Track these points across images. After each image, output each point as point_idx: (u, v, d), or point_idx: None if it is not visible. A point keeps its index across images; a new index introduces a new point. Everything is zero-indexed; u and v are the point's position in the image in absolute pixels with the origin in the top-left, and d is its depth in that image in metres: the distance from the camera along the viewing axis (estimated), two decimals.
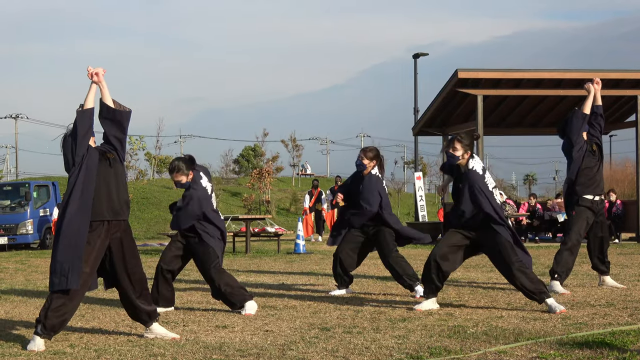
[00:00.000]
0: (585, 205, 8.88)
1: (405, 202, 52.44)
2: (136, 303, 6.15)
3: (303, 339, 6.05)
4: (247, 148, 64.81)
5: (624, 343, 5.57)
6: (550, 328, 6.38)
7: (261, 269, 12.79)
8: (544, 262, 13.36)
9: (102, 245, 6.01)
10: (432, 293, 7.65)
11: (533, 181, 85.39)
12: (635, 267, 11.77)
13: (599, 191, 8.96)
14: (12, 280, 11.53)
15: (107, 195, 6.01)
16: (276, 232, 18.36)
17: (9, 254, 19.37)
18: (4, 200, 23.98)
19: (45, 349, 5.79)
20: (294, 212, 42.24)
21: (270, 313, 7.52)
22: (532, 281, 7.36)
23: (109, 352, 5.68)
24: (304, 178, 59.54)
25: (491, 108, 22.21)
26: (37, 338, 5.83)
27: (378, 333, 6.29)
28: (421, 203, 25.27)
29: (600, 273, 9.26)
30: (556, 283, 8.70)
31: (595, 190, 8.92)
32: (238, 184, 50.30)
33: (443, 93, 21.21)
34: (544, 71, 20.73)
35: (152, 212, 35.76)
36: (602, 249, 9.12)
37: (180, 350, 5.71)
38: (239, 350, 5.66)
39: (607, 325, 6.44)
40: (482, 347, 5.59)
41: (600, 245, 9.11)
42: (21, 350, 5.81)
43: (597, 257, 9.13)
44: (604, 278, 9.24)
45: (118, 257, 6.09)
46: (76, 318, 7.17)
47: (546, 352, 5.38)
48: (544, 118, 23.83)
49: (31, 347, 5.80)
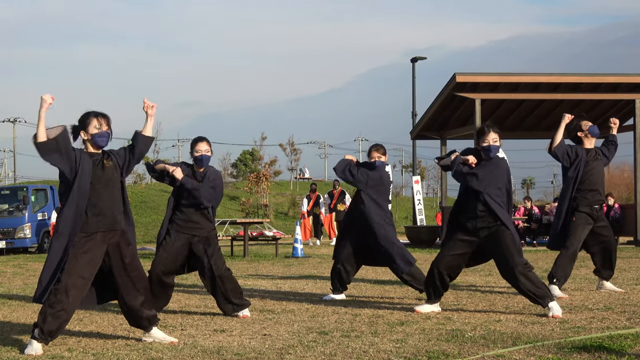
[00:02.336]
0: (585, 211, 8.87)
1: (404, 205, 52.46)
2: (138, 308, 6.11)
3: (301, 343, 6.05)
4: (245, 152, 64.87)
5: (622, 347, 5.58)
6: (548, 332, 6.39)
7: (259, 273, 12.79)
8: (542, 266, 13.36)
9: (99, 251, 5.99)
10: (436, 298, 7.67)
11: (531, 185, 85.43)
12: (633, 270, 11.77)
13: (597, 198, 8.92)
14: (10, 284, 11.52)
15: (99, 208, 5.97)
16: (274, 236, 18.36)
17: (6, 258, 19.36)
18: (2, 204, 24.00)
19: (43, 353, 5.79)
20: (292, 216, 42.25)
21: (268, 317, 7.52)
22: (536, 285, 7.32)
23: (106, 356, 5.68)
24: (302, 182, 59.60)
25: (489, 112, 22.22)
26: (34, 342, 5.82)
27: (376, 337, 6.29)
28: (419, 207, 25.29)
29: (601, 277, 9.23)
30: (554, 287, 8.70)
31: (595, 197, 8.89)
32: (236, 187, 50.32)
33: (441, 97, 21.23)
34: (541, 75, 20.75)
35: (150, 216, 35.75)
36: (611, 257, 9.01)
37: (178, 354, 5.70)
38: (237, 354, 5.66)
39: (605, 329, 6.44)
40: (480, 351, 5.59)
41: (608, 252, 9.01)
42: (19, 355, 5.80)
43: (605, 265, 9.05)
44: (604, 282, 9.23)
45: (117, 262, 6.07)
46: (74, 322, 7.16)
47: (544, 355, 5.38)
48: (541, 122, 23.85)
49: (28, 351, 5.79)
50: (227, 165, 59.31)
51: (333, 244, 22.55)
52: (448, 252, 7.59)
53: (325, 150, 77.39)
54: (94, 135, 5.98)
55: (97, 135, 5.99)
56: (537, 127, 24.16)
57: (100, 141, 6.02)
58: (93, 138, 5.99)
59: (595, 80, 20.71)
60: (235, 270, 13.39)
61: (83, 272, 5.85)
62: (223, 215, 39.64)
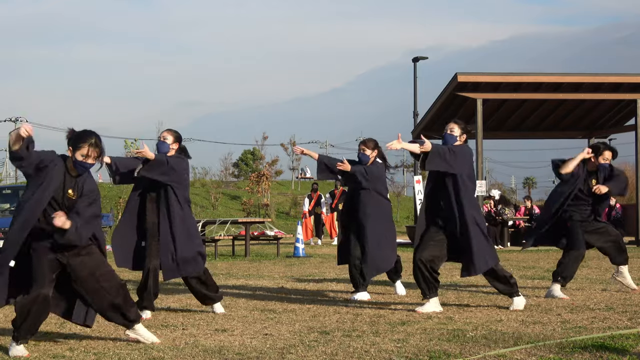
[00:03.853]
0: (577, 219, 8.88)
1: (405, 205, 52.47)
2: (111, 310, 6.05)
3: (302, 343, 6.05)
4: (246, 152, 64.88)
5: (624, 347, 5.58)
6: (549, 332, 6.38)
7: (260, 273, 12.79)
8: (544, 266, 13.37)
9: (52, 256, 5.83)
10: (433, 292, 7.65)
11: (532, 185, 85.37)
12: (635, 271, 11.75)
13: (586, 212, 8.92)
14: None
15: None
16: (275, 236, 18.35)
17: None
18: (3, 203, 23.97)
19: (44, 353, 5.78)
20: (293, 215, 42.26)
21: (270, 317, 7.52)
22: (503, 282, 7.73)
23: (108, 356, 5.67)
24: (304, 181, 59.61)
25: (490, 112, 22.23)
26: (13, 344, 5.73)
27: (377, 337, 6.29)
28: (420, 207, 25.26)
29: (617, 264, 9.10)
30: (557, 287, 8.70)
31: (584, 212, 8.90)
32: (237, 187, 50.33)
33: (442, 97, 21.23)
34: (543, 75, 20.74)
35: None
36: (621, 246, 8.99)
37: (179, 353, 5.70)
38: (239, 353, 5.66)
39: (606, 329, 6.44)
40: (481, 351, 5.59)
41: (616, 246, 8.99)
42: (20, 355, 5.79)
43: (618, 251, 9.00)
44: (621, 269, 9.11)
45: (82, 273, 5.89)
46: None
47: (545, 355, 5.37)
48: (543, 121, 23.85)
49: (15, 353, 5.69)
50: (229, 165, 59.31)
51: (334, 243, 22.57)
52: (426, 243, 7.73)
53: (326, 150, 77.43)
54: (77, 161, 5.83)
55: (79, 163, 5.83)
56: (539, 126, 24.17)
57: (80, 170, 5.87)
58: (75, 162, 5.84)
59: (596, 80, 20.70)
60: (236, 269, 13.41)
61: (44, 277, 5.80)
62: (224, 215, 39.66)
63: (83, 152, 5.81)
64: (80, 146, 5.82)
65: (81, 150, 5.82)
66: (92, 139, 5.84)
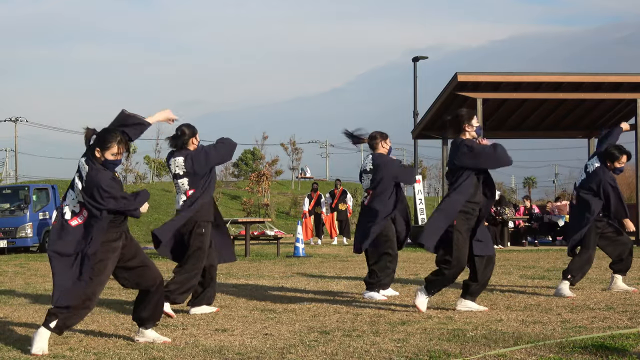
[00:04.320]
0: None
1: None
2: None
3: (302, 343, 6.05)
4: (246, 151, 64.88)
5: (624, 346, 5.57)
6: (549, 331, 6.38)
7: (260, 273, 12.78)
8: (544, 266, 13.36)
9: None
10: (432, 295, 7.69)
11: (532, 184, 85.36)
12: (635, 270, 11.75)
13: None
14: (12, 284, 11.52)
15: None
16: (275, 236, 18.35)
17: (8, 257, 19.37)
18: (3, 203, 23.97)
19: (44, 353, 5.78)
20: (293, 215, 42.25)
21: (270, 316, 7.52)
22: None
23: (108, 356, 5.67)
24: (304, 181, 59.61)
25: (491, 111, 22.22)
26: (43, 333, 5.78)
27: (377, 336, 6.29)
28: (420, 206, 25.25)
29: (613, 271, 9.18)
30: (566, 285, 8.70)
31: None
32: (237, 187, 50.31)
33: (442, 96, 21.22)
34: (543, 75, 20.74)
35: (151, 216, 35.74)
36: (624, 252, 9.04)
37: (179, 353, 5.70)
38: (239, 353, 5.66)
39: (606, 329, 6.44)
40: (481, 351, 5.58)
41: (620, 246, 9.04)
42: (20, 354, 5.79)
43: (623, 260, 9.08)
44: (616, 277, 9.17)
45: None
46: None
47: (546, 355, 5.37)
48: (543, 121, 23.84)
49: (36, 350, 5.72)
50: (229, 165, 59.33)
51: (334, 243, 22.57)
52: (464, 257, 7.75)
53: (326, 149, 77.49)
54: (109, 161, 5.89)
55: (110, 162, 5.90)
56: (539, 126, 24.16)
57: (112, 168, 5.96)
58: (105, 162, 5.89)
59: (597, 80, 20.69)
60: (236, 269, 13.40)
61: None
62: (225, 215, 39.60)
63: (113, 151, 5.88)
64: (109, 146, 5.86)
65: (111, 150, 5.87)
66: (118, 136, 5.91)
